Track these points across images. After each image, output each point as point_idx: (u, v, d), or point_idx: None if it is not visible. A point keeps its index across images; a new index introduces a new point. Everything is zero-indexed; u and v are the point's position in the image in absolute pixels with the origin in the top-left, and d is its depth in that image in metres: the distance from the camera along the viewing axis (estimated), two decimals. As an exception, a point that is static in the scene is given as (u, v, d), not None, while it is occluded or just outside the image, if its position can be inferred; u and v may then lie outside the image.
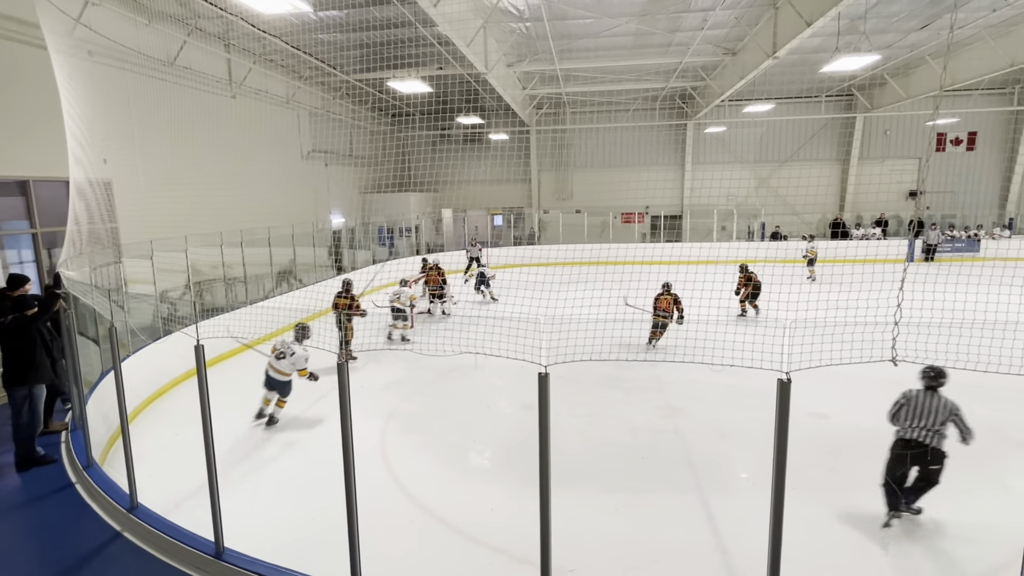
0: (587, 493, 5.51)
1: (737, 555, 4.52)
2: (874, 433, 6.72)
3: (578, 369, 9.17)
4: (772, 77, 19.65)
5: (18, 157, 9.12)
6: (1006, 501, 5.28)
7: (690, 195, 26.39)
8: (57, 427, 6.80)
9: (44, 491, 5.48)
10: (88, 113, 7.55)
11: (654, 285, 10.36)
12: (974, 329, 4.66)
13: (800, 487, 5.13)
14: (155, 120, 12.27)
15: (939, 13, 14.69)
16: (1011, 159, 23.90)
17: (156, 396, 8.30)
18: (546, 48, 16.46)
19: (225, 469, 5.90)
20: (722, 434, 6.85)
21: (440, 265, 15.35)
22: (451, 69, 16.15)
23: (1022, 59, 15.47)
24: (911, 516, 4.87)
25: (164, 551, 4.42)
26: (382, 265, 18.26)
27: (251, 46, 15.34)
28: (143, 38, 11.52)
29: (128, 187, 11.01)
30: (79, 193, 6.84)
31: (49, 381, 6.26)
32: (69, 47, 8.50)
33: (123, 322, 7.75)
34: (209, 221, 11.39)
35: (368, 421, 7.33)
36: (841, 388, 7.74)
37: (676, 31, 15.60)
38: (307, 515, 5.21)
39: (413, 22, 13.07)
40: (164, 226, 10.16)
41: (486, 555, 4.60)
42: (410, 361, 9.94)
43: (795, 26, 12.04)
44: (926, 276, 6.03)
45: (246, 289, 12.61)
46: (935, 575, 4.27)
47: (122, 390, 5.16)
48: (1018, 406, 7.05)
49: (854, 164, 25.04)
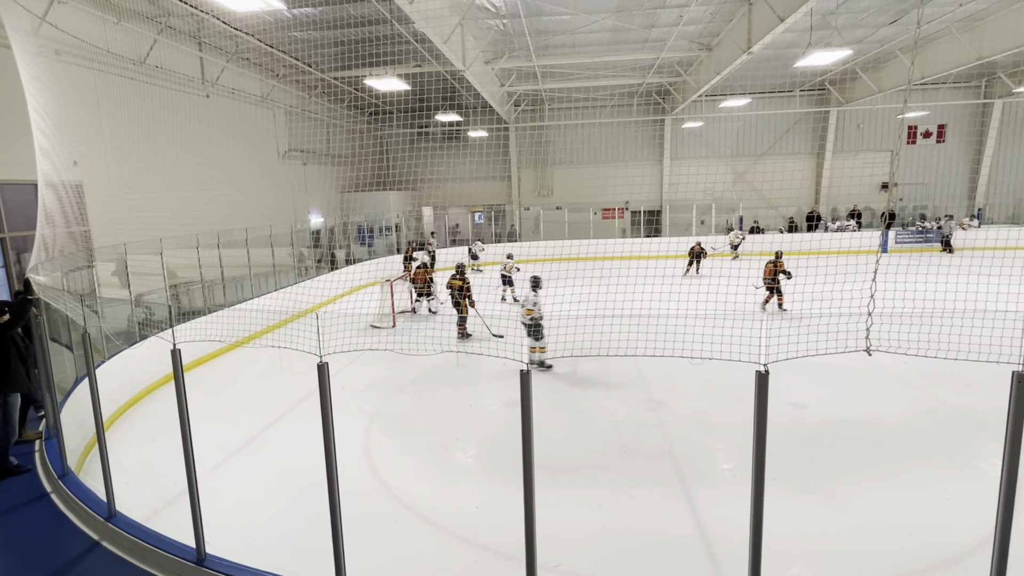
0: (571, 488, 5.54)
1: (720, 545, 4.59)
2: (851, 421, 6.90)
3: (561, 365, 9.22)
4: (747, 72, 19.89)
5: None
6: (976, 483, 5.43)
7: (669, 190, 26.62)
8: (31, 436, 6.64)
9: (18, 502, 5.35)
10: (57, 114, 7.37)
11: (635, 280, 10.43)
12: (944, 318, 4.78)
13: (780, 476, 5.22)
14: (126, 120, 12.02)
15: (908, 8, 14.99)
16: (979, 151, 24.52)
17: (133, 402, 8.15)
18: (523, 45, 16.46)
19: (205, 474, 5.83)
20: (704, 426, 6.94)
21: (427, 263, 15.33)
22: (429, 66, 16.09)
23: (989, 53, 15.85)
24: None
25: (144, 559, 4.35)
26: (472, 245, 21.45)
27: (224, 44, 15.10)
28: (112, 37, 11.27)
29: (100, 189, 10.78)
30: (48, 188, 6.66)
31: (24, 390, 6.11)
32: (35, 46, 8.28)
33: (97, 327, 7.59)
34: (184, 223, 11.21)
35: (352, 421, 7.29)
36: (818, 378, 7.90)
37: (652, 27, 15.71)
38: (290, 518, 5.17)
39: (389, 19, 12.99)
40: (138, 229, 9.97)
41: (471, 553, 4.61)
42: (393, 361, 9.89)
43: (769, 21, 12.20)
44: (898, 267, 6.17)
45: (223, 291, 12.43)
46: (910, 558, 4.37)
47: (97, 397, 5.05)
48: (986, 391, 7.25)
49: (828, 157, 25.48)
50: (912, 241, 22.10)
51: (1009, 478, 2.76)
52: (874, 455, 6.04)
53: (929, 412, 7.12)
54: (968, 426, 6.72)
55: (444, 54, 13.27)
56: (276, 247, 14.78)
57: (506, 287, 15.20)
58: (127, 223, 10.32)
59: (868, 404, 7.41)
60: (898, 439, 6.43)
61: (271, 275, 14.48)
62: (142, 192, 11.74)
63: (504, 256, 16.08)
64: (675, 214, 25.65)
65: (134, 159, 12.13)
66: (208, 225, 12.01)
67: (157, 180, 12.46)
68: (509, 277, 15.19)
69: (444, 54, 13.27)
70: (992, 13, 15.34)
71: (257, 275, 13.89)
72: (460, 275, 11.70)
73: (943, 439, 6.45)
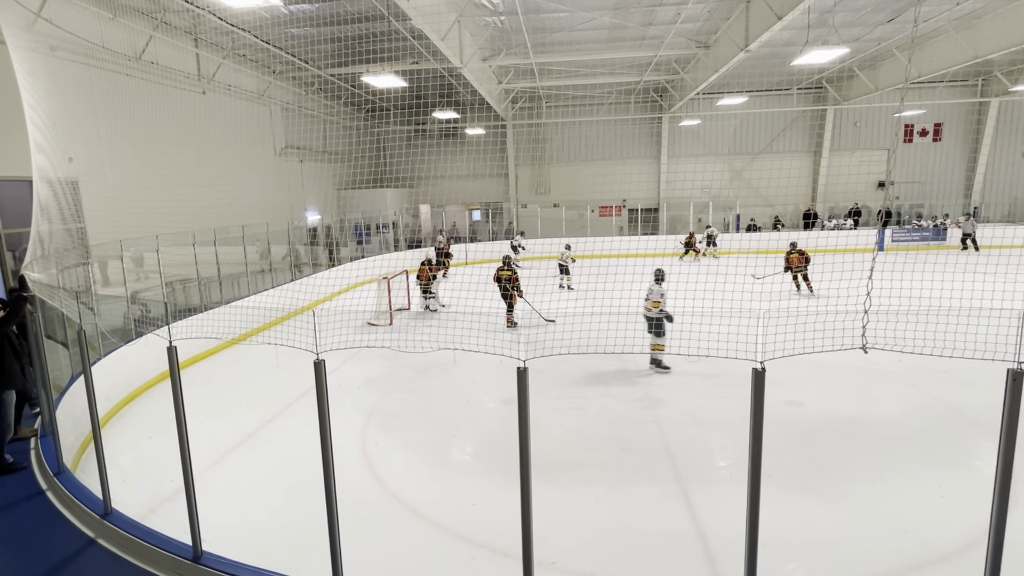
0: (568, 485, 5.55)
1: (716, 541, 4.60)
2: (847, 419, 6.92)
3: (558, 363, 9.22)
4: (745, 70, 19.91)
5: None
6: (970, 481, 5.45)
7: (666, 188, 26.63)
8: (26, 433, 6.62)
9: (14, 499, 5.33)
10: (52, 110, 7.33)
11: (632, 278, 10.45)
12: (940, 315, 4.80)
13: (776, 473, 5.24)
14: (122, 117, 11.96)
15: (905, 7, 15.01)
16: (975, 149, 24.58)
17: (129, 400, 8.13)
18: (521, 42, 16.43)
19: (202, 472, 5.82)
20: (700, 424, 6.95)
21: (432, 260, 15.21)
22: (426, 63, 16.04)
23: (985, 52, 15.88)
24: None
25: (140, 556, 4.34)
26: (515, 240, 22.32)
27: (221, 41, 15.03)
28: (108, 33, 11.20)
29: (95, 186, 10.73)
30: (43, 182, 6.63)
31: (19, 387, 6.09)
32: (30, 42, 8.24)
33: (93, 324, 7.56)
34: (180, 220, 11.16)
35: (348, 419, 7.28)
36: (814, 376, 7.91)
37: (650, 24, 15.69)
38: (287, 515, 5.16)
39: (386, 16, 12.95)
40: (133, 226, 9.93)
41: (468, 550, 4.61)
42: (389, 358, 9.88)
43: (766, 19, 12.19)
44: (894, 265, 6.18)
45: (220, 288, 12.40)
46: (905, 555, 4.39)
47: (93, 394, 5.03)
48: (981, 389, 7.28)
49: (825, 155, 25.51)
50: (909, 240, 22.16)
51: (1003, 475, 2.77)
52: (869, 452, 6.06)
53: (924, 409, 7.15)
54: (963, 423, 6.75)
55: (441, 51, 13.24)
56: (273, 244, 14.74)
57: (562, 275, 16.28)
58: (123, 220, 10.27)
59: (864, 402, 7.43)
60: (893, 436, 6.45)
61: (267, 272, 14.44)
62: (138, 189, 11.69)
63: (563, 247, 16.95)
64: (672, 212, 25.66)
65: (130, 156, 12.07)
66: (204, 222, 11.96)
67: (153, 177, 12.40)
68: (565, 265, 16.28)
69: (441, 51, 13.24)
70: (989, 12, 15.37)
71: (254, 272, 13.86)
72: (507, 266, 12.21)
73: (938, 436, 6.47)
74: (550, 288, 15.61)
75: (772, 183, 25.73)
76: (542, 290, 14.91)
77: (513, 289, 11.66)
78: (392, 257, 19.05)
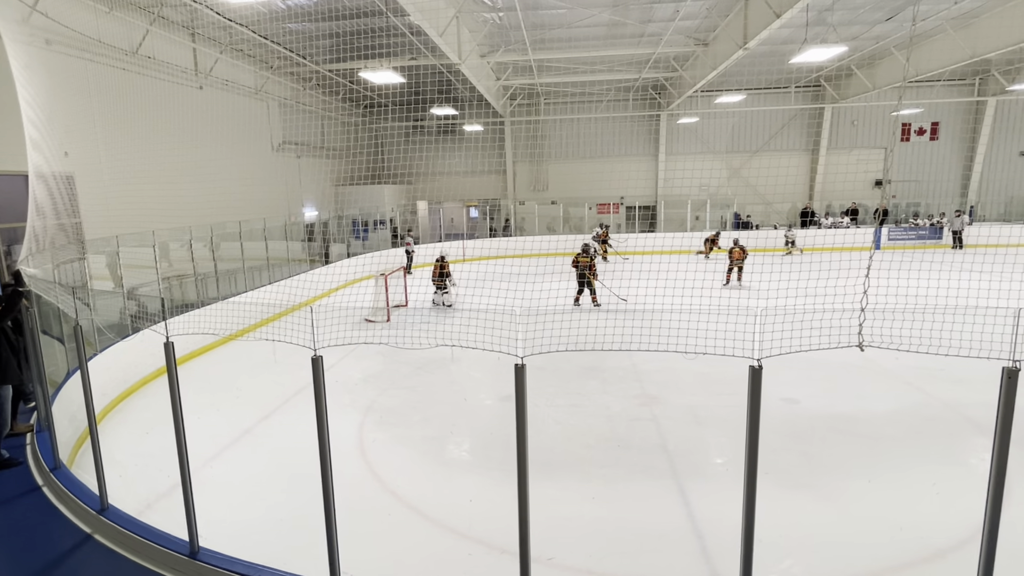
0: (566, 482, 5.56)
1: (712, 538, 4.62)
2: (843, 416, 6.94)
3: (556, 360, 9.22)
4: (743, 68, 19.87)
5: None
6: (965, 478, 5.48)
7: (664, 185, 26.63)
8: (22, 429, 6.60)
9: (10, 495, 5.32)
10: (47, 104, 7.29)
11: (630, 275, 10.47)
12: (936, 314, 4.81)
13: (772, 470, 5.26)
14: (118, 111, 11.90)
15: (903, 5, 15.01)
16: (972, 148, 24.62)
17: (125, 395, 8.11)
18: (519, 38, 16.39)
19: (198, 467, 5.81)
20: (697, 421, 6.97)
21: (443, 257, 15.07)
22: (424, 59, 15.99)
23: (983, 51, 15.89)
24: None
25: (137, 552, 4.34)
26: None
27: (218, 35, 14.96)
28: (104, 26, 11.14)
29: (91, 181, 10.68)
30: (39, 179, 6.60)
31: (16, 382, 6.07)
32: (25, 35, 8.19)
33: (89, 320, 7.54)
34: (177, 215, 11.13)
35: (346, 416, 7.28)
36: (810, 373, 7.94)
37: (649, 22, 15.67)
38: (284, 511, 5.16)
39: (384, 11, 12.90)
40: (130, 221, 9.88)
41: (466, 546, 4.62)
42: (387, 354, 9.88)
43: (765, 17, 12.18)
44: (891, 263, 6.20)
45: (217, 284, 12.36)
46: (900, 551, 4.42)
47: (89, 389, 5.02)
48: (977, 387, 7.30)
49: (823, 154, 25.52)
50: (905, 238, 22.20)
51: (998, 473, 2.78)
52: (865, 450, 6.09)
53: (920, 407, 7.18)
54: (958, 421, 6.78)
55: (439, 47, 13.19)
56: (270, 240, 14.68)
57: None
58: (119, 215, 10.23)
59: (860, 399, 7.46)
60: (889, 434, 6.47)
61: (265, 268, 14.40)
62: (134, 184, 11.63)
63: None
64: (670, 209, 25.64)
65: (126, 150, 12.01)
66: (201, 218, 11.91)
67: (149, 172, 12.36)
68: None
69: (439, 47, 13.19)
70: (986, 11, 15.38)
71: (251, 268, 13.81)
72: (585, 253, 13.25)
73: (934, 434, 6.51)
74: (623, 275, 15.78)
75: (770, 181, 25.75)
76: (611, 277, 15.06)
77: (590, 274, 12.64)
78: (390, 254, 19.02)
